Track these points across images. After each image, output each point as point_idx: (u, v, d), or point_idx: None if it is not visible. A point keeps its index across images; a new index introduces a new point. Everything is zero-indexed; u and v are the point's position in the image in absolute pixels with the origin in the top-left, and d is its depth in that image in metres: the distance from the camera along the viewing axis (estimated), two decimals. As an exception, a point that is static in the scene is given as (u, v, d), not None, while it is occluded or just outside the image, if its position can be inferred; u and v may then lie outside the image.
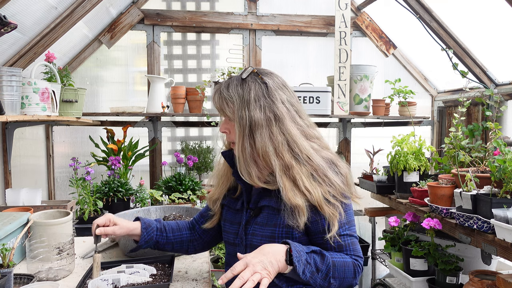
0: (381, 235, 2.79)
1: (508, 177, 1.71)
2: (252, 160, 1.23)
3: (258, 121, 1.20)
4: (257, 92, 1.22)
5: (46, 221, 1.56)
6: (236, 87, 1.23)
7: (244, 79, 1.24)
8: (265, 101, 1.21)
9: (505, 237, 1.64)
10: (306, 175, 1.20)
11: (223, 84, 1.26)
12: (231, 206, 1.38)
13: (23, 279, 1.35)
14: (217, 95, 1.26)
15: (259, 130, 1.20)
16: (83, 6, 2.39)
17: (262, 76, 1.25)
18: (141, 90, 3.26)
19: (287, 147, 1.21)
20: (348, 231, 1.23)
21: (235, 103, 1.21)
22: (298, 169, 1.20)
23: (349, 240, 1.22)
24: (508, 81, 2.65)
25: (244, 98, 1.21)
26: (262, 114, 1.20)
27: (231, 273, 1.07)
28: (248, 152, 1.22)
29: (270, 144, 1.20)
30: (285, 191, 1.18)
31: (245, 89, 1.22)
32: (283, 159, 1.20)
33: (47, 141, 3.06)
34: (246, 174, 1.24)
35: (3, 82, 1.82)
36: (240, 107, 1.21)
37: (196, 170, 3.09)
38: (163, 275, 1.46)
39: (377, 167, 3.01)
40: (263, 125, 1.20)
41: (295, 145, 1.22)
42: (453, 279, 2.18)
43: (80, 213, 2.44)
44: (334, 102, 3.05)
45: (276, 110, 1.21)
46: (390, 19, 3.30)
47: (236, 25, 3.26)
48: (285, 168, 1.20)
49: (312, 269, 1.12)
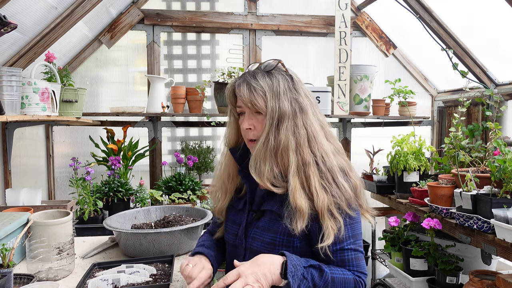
0: (381, 235, 2.79)
1: (508, 177, 1.71)
2: (269, 155, 1.18)
3: (286, 113, 1.17)
4: (285, 84, 1.20)
5: (46, 221, 1.57)
6: (264, 78, 1.20)
7: (269, 71, 1.22)
8: (291, 94, 1.20)
9: (505, 237, 1.64)
10: (318, 176, 1.16)
11: (248, 76, 1.21)
12: (234, 205, 1.35)
13: (23, 279, 1.35)
14: (245, 86, 1.20)
15: (285, 122, 1.17)
16: (83, 6, 2.39)
17: (287, 69, 1.25)
18: (141, 90, 3.26)
19: (307, 143, 1.18)
20: (353, 245, 1.17)
21: (267, 93, 1.18)
22: (313, 168, 1.17)
23: (353, 255, 1.17)
24: (508, 81, 2.65)
25: (274, 90, 1.18)
26: (290, 106, 1.18)
27: (223, 283, 1.05)
28: (270, 145, 1.17)
29: (292, 138, 1.17)
30: (293, 190, 1.14)
31: (273, 80, 1.19)
32: (302, 155, 1.17)
33: (47, 141, 3.06)
34: (257, 170, 1.19)
35: (3, 82, 1.82)
36: (271, 98, 1.18)
37: (196, 170, 3.09)
38: (163, 275, 1.46)
39: (377, 167, 3.01)
40: (290, 117, 1.18)
41: (315, 141, 1.19)
42: (453, 279, 2.18)
43: (80, 213, 2.44)
44: (334, 102, 3.05)
45: (302, 102, 1.20)
46: (390, 19, 3.30)
47: (236, 25, 3.26)
48: (301, 165, 1.17)
49: (309, 284, 1.08)
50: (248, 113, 1.22)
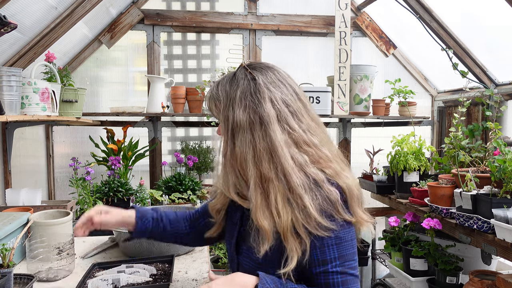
0: (381, 235, 2.79)
1: (508, 177, 1.71)
2: (231, 168, 1.09)
3: (240, 123, 1.04)
4: (244, 89, 1.06)
5: (46, 221, 1.56)
6: (225, 85, 1.09)
7: (234, 74, 1.10)
8: (251, 101, 1.04)
9: (505, 237, 1.64)
10: (282, 193, 1.01)
11: (215, 83, 1.13)
12: (230, 216, 1.25)
13: (23, 279, 1.35)
14: (208, 94, 1.13)
15: (240, 134, 1.04)
16: (83, 6, 2.39)
17: (251, 71, 1.08)
18: (141, 90, 3.26)
19: (269, 156, 1.02)
20: (340, 268, 1.01)
21: (222, 102, 1.08)
22: (276, 184, 1.02)
23: (339, 279, 1.01)
24: (508, 81, 2.65)
25: (230, 96, 1.06)
26: (246, 116, 1.04)
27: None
28: (228, 157, 1.08)
29: (249, 150, 1.03)
30: (254, 208, 1.03)
31: (233, 86, 1.07)
32: (260, 169, 1.03)
33: (47, 141, 3.06)
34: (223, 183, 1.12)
35: (3, 82, 1.82)
36: (226, 107, 1.07)
37: (196, 170, 3.09)
38: (163, 275, 1.46)
39: (377, 167, 3.01)
40: (246, 128, 1.04)
41: (276, 154, 1.02)
42: (453, 279, 2.18)
43: (80, 213, 2.44)
44: (334, 102, 3.05)
45: (262, 111, 1.03)
46: (390, 19, 3.30)
47: (236, 25, 3.26)
48: (261, 179, 1.03)
49: None
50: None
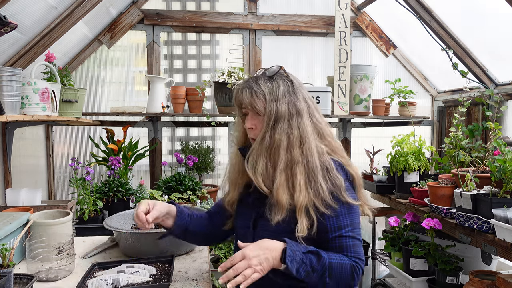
0: (381, 235, 2.79)
1: (508, 177, 1.71)
2: (264, 152, 1.29)
3: (282, 115, 1.29)
4: (284, 88, 1.32)
5: (46, 221, 1.56)
6: (266, 83, 1.32)
7: (271, 76, 1.34)
8: (289, 97, 1.31)
9: (505, 237, 1.64)
10: (304, 174, 1.26)
11: (251, 81, 1.34)
12: (244, 199, 1.43)
13: (23, 279, 1.35)
14: (246, 90, 1.32)
15: (280, 123, 1.28)
16: (83, 6, 2.39)
17: (288, 75, 1.37)
18: (141, 90, 3.26)
19: (299, 144, 1.28)
20: (351, 233, 1.27)
21: (266, 97, 1.30)
22: (301, 166, 1.26)
23: (351, 242, 1.27)
24: (508, 81, 2.65)
25: (273, 93, 1.30)
26: (287, 109, 1.29)
27: (230, 263, 1.16)
28: (266, 143, 1.29)
29: (285, 137, 1.28)
30: (277, 185, 1.25)
31: (274, 85, 1.32)
32: (292, 154, 1.27)
33: (47, 141, 3.06)
34: (252, 164, 1.30)
35: (3, 82, 1.82)
36: (270, 101, 1.30)
37: (196, 170, 3.09)
38: (163, 275, 1.46)
39: (377, 167, 3.01)
40: (285, 119, 1.29)
41: (305, 142, 1.28)
42: (453, 279, 2.18)
43: (80, 213, 2.44)
44: (334, 102, 3.05)
45: (299, 105, 1.31)
46: (390, 19, 3.30)
47: (236, 25, 3.26)
48: (290, 163, 1.27)
49: (307, 268, 1.17)
50: (251, 114, 1.34)
